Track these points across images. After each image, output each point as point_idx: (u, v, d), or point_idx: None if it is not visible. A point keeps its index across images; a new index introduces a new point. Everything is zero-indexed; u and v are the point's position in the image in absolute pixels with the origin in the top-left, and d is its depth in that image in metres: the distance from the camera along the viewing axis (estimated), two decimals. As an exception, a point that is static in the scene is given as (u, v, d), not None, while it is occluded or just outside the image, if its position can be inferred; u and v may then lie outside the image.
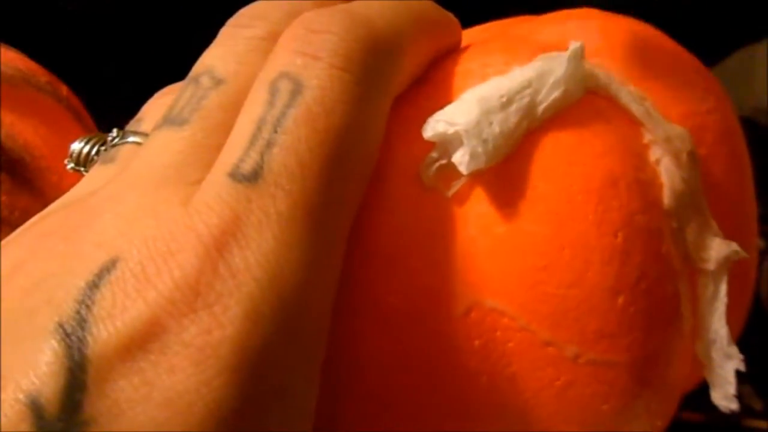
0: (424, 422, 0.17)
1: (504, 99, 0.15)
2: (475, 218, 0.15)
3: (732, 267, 0.17)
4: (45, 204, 0.16)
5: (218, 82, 0.15)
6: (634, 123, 0.16)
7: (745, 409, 0.17)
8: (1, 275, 0.13)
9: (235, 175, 0.13)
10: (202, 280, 0.12)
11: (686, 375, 0.18)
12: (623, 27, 0.18)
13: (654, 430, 0.17)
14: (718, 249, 0.16)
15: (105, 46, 0.37)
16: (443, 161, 0.15)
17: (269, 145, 0.13)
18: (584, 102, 0.16)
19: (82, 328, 0.12)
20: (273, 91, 0.14)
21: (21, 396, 0.11)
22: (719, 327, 0.16)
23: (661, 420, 0.17)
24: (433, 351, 0.16)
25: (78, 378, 0.11)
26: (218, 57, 0.16)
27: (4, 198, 0.24)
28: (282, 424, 0.13)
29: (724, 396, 0.16)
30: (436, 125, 0.15)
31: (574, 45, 0.16)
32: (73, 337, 0.11)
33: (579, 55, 0.16)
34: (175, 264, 0.12)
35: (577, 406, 0.16)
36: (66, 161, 0.19)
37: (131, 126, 0.18)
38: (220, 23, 0.20)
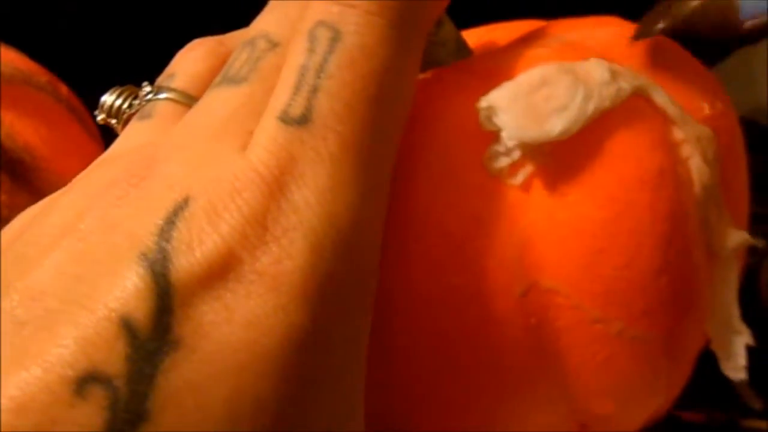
0: (470, 391, 0.17)
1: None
2: (538, 204, 0.17)
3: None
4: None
5: (274, 44, 0.16)
6: (668, 122, 0.18)
7: (745, 409, 0.18)
8: (67, 221, 0.13)
9: (285, 119, 0.14)
10: (268, 216, 0.13)
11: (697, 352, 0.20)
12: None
13: (670, 400, 0.19)
14: (732, 238, 0.18)
15: (105, 46, 0.37)
16: (505, 154, 0.17)
17: (314, 90, 0.14)
18: (630, 101, 0.17)
19: (164, 259, 0.12)
20: (312, 39, 0.15)
21: (113, 315, 0.12)
22: (731, 306, 0.19)
23: (675, 391, 0.19)
24: (490, 329, 0.17)
25: (165, 302, 0.12)
26: (272, 23, 0.16)
27: (4, 198, 0.24)
28: (345, 349, 0.14)
29: (734, 367, 0.18)
30: None
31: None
32: (156, 266, 0.12)
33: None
34: (242, 201, 0.13)
35: (613, 379, 0.18)
36: (96, 113, 0.19)
37: (162, 81, 0.18)
38: (221, 25, 0.20)
